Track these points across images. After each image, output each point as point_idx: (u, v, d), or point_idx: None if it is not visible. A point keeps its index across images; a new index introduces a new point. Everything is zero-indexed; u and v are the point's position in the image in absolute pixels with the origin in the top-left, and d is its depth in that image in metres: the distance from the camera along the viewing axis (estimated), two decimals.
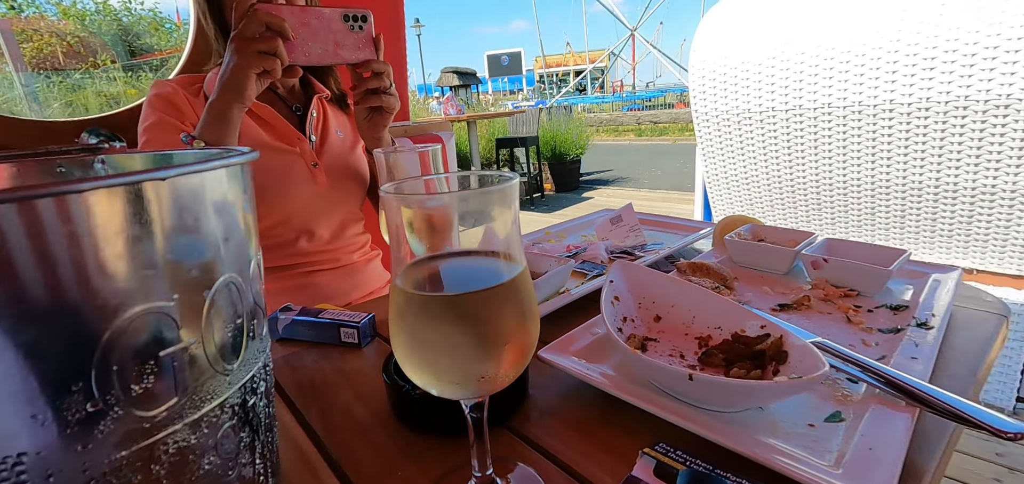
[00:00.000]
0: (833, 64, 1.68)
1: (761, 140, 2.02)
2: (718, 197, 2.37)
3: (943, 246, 1.80)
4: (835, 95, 1.72)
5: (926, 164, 1.63)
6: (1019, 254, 1.62)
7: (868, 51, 1.60)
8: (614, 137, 14.69)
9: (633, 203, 0.86)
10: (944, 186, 1.64)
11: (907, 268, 0.54)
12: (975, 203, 1.62)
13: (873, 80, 1.61)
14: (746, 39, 1.92)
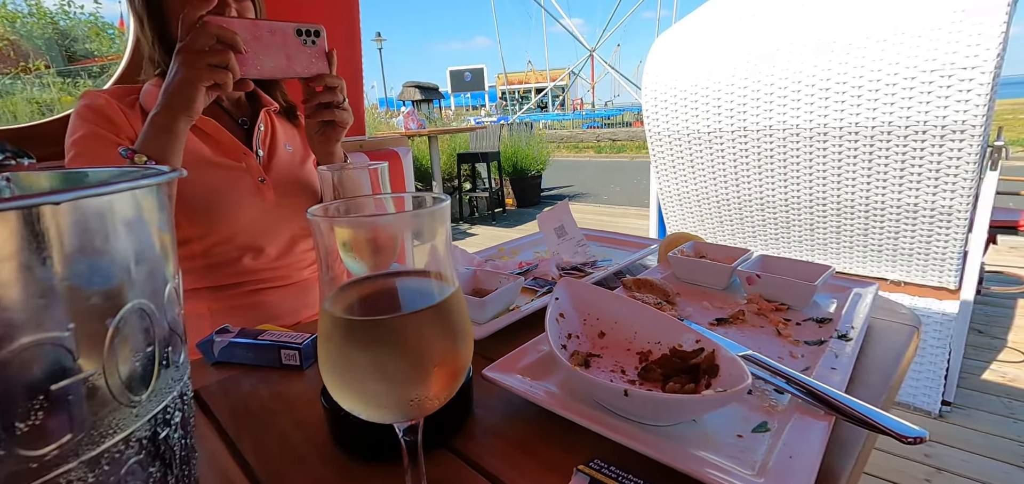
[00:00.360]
0: (773, 90, 1.79)
1: (710, 159, 2.11)
2: (671, 213, 2.46)
3: (873, 260, 1.93)
4: (776, 119, 1.83)
5: (857, 184, 1.75)
6: (938, 267, 1.75)
7: (804, 79, 1.71)
8: (574, 153, 14.98)
9: (592, 217, 0.88)
10: (873, 204, 1.76)
11: (832, 283, 0.57)
12: (900, 220, 1.74)
13: (809, 106, 1.72)
14: (694, 65, 2.02)
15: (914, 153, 1.58)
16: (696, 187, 2.24)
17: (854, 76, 1.61)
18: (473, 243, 4.49)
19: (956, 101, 1.44)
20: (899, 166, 1.63)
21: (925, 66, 1.46)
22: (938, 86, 1.46)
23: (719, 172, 2.11)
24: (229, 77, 0.62)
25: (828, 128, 1.72)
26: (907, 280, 1.90)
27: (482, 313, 0.55)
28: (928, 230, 1.70)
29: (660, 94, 2.11)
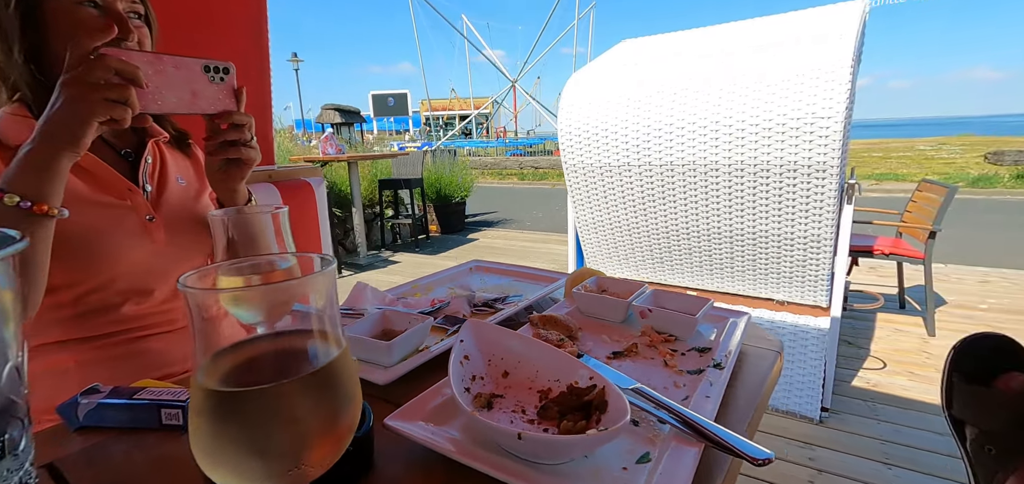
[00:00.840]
0: (672, 130, 1.95)
1: (620, 191, 2.25)
2: (588, 240, 2.58)
3: (762, 283, 2.15)
4: (675, 155, 1.99)
5: (744, 215, 1.95)
6: (812, 288, 1.99)
7: (698, 121, 1.89)
8: (498, 180, 15.23)
9: (516, 243, 0.90)
10: (758, 234, 1.97)
11: (712, 313, 0.64)
12: (780, 248, 1.96)
13: (702, 145, 1.90)
14: (603, 105, 2.16)
15: (788, 189, 1.80)
16: (609, 217, 2.37)
17: (738, 120, 1.81)
18: (396, 270, 4.38)
19: (818, 145, 1.67)
20: (777, 200, 1.85)
21: (793, 114, 1.68)
22: (804, 132, 1.68)
23: (629, 203, 2.25)
24: (128, 113, 0.57)
25: (719, 165, 1.91)
26: (789, 300, 2.14)
27: (388, 357, 0.54)
28: (802, 256, 1.93)
29: (573, 130, 2.22)
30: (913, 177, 10.41)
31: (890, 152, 15.33)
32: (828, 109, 1.61)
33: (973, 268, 3.74)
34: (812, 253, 1.90)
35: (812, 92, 1.65)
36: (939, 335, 2.60)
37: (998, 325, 2.70)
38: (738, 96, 1.80)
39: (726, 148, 1.86)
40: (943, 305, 3.01)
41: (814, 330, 1.99)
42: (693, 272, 2.32)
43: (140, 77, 0.57)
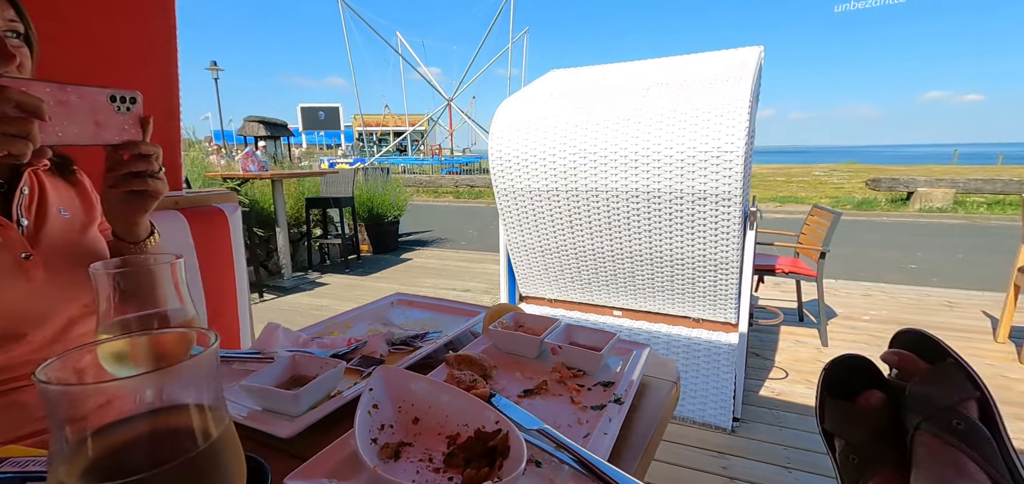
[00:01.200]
0: (597, 158, 2.05)
1: (549, 215, 2.32)
2: (519, 262, 2.62)
3: (680, 302, 2.30)
4: (599, 182, 2.09)
5: (663, 239, 2.08)
6: (723, 306, 2.15)
7: (619, 151, 2.00)
8: (434, 198, 15.10)
9: (451, 263, 0.90)
10: (676, 256, 2.11)
11: (618, 346, 0.68)
12: (695, 269, 2.11)
13: (624, 173, 2.01)
14: (532, 132, 2.23)
15: (699, 215, 1.95)
16: (539, 240, 2.44)
17: (654, 151, 1.94)
18: (323, 293, 4.19)
19: (723, 176, 1.82)
20: (690, 225, 1.99)
21: (701, 148, 1.83)
22: (710, 164, 1.83)
23: (557, 227, 2.33)
24: (28, 147, 0.53)
25: (638, 192, 2.03)
26: (704, 317, 2.30)
27: (295, 406, 0.53)
28: (713, 277, 2.09)
29: (504, 156, 2.27)
30: (810, 200, 11.60)
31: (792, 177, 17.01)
32: (730, 144, 1.77)
33: (858, 283, 4.21)
34: (721, 274, 2.06)
35: (717, 128, 1.80)
36: (831, 345, 2.90)
37: (878, 334, 3.06)
38: (654, 129, 1.93)
39: (644, 176, 1.99)
40: (834, 317, 3.36)
41: (725, 345, 2.15)
42: (619, 292, 2.43)
43: (43, 110, 0.53)
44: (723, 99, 1.83)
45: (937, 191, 10.08)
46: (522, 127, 2.24)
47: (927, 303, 3.59)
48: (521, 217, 2.41)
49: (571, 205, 2.23)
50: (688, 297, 2.23)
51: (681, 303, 2.28)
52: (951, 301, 3.63)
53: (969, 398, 0.62)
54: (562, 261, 2.45)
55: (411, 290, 4.27)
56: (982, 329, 3.04)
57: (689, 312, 2.31)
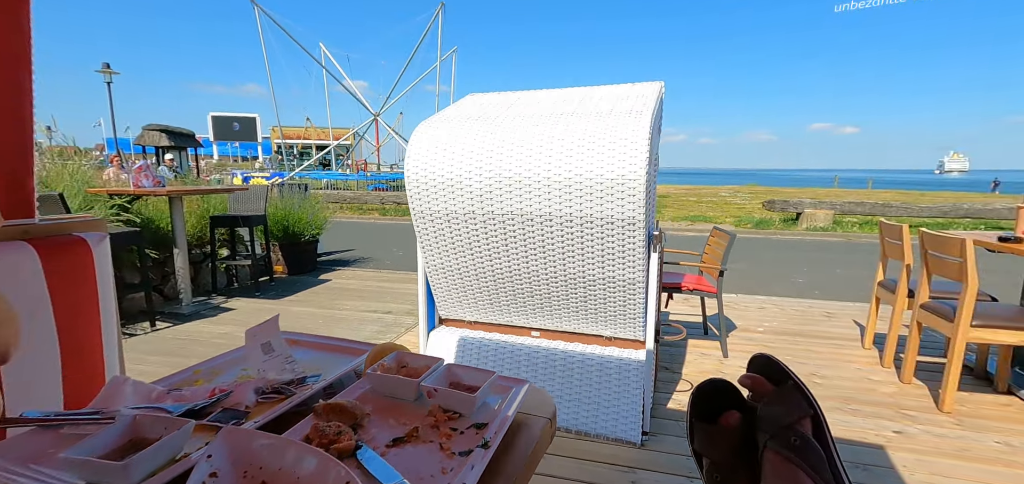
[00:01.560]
0: (512, 183, 2.08)
1: (466, 238, 2.32)
2: (437, 284, 2.59)
3: (593, 321, 2.37)
4: (515, 206, 2.12)
5: (576, 261, 2.15)
6: (632, 324, 2.25)
7: (532, 176, 2.05)
8: (359, 215, 14.60)
9: (373, 283, 0.85)
10: (588, 278, 2.18)
11: (498, 384, 0.68)
12: (606, 289, 2.19)
13: (538, 197, 2.05)
14: (449, 155, 2.22)
15: (607, 239, 2.04)
16: (456, 262, 2.42)
17: (565, 177, 2.00)
18: (228, 319, 3.87)
19: (628, 202, 1.92)
20: (600, 248, 2.08)
21: (608, 175, 1.92)
22: (616, 190, 1.93)
23: (474, 249, 2.33)
24: None
25: (552, 216, 2.08)
26: (615, 335, 2.40)
27: (124, 479, 0.47)
28: (623, 297, 2.19)
29: (420, 179, 2.25)
30: (718, 219, 12.61)
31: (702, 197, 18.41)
32: (632, 172, 1.88)
33: (754, 297, 4.61)
34: (629, 294, 2.16)
35: (621, 157, 1.90)
36: (731, 357, 3.13)
37: (771, 344, 3.35)
38: (565, 155, 2.00)
39: (557, 201, 2.05)
40: (734, 330, 3.64)
41: (634, 362, 2.25)
42: (536, 313, 2.47)
43: None
44: (626, 130, 1.93)
45: (820, 212, 11.36)
46: (439, 150, 2.23)
47: (810, 314, 4.01)
48: (438, 240, 2.39)
49: (488, 228, 2.24)
50: (600, 317, 2.31)
51: (594, 322, 2.36)
52: (829, 312, 4.07)
53: (805, 416, 0.69)
54: (480, 283, 2.45)
55: (328, 313, 4.06)
56: (853, 336, 3.44)
57: (602, 331, 2.40)
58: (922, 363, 2.81)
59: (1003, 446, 2.07)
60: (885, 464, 1.96)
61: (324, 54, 23.54)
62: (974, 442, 2.10)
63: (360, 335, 3.56)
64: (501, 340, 2.50)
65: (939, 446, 2.07)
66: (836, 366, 2.93)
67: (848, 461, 1.99)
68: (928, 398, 2.50)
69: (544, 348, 2.42)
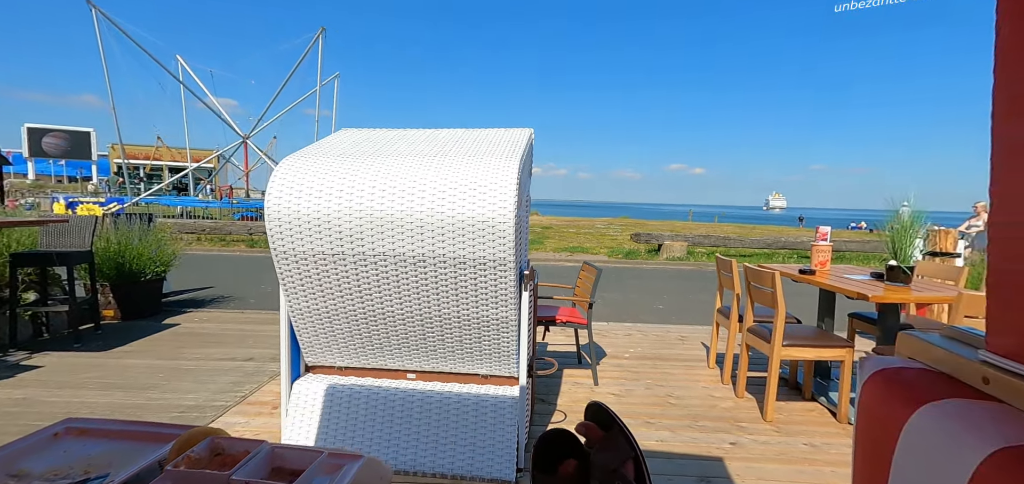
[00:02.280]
0: (384, 223, 2.03)
1: (336, 279, 2.19)
2: (303, 329, 2.39)
3: (470, 361, 2.37)
4: (387, 246, 2.06)
5: (450, 301, 2.14)
6: (507, 362, 2.29)
7: (406, 217, 2.01)
8: (221, 247, 13.07)
9: (231, 325, 0.73)
10: (462, 317, 2.18)
11: (329, 462, 0.64)
12: (481, 329, 2.21)
13: (411, 238, 2.02)
14: (318, 193, 2.10)
15: (481, 278, 2.07)
16: (325, 305, 2.27)
17: (439, 218, 2.01)
18: (31, 379, 3.15)
19: (499, 243, 1.98)
20: (474, 288, 2.10)
21: (479, 217, 1.97)
22: (487, 232, 1.98)
23: (345, 291, 2.21)
24: None
25: (425, 257, 2.06)
26: (491, 373, 2.42)
27: None
28: (497, 335, 2.23)
29: (285, 217, 2.09)
30: (593, 250, 13.60)
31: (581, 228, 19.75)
32: (502, 214, 1.94)
33: (622, 324, 5.02)
34: (503, 333, 2.21)
35: (491, 199, 1.96)
36: (601, 384, 3.34)
37: (638, 369, 3.65)
38: (438, 196, 2.01)
39: (430, 242, 2.03)
40: (604, 357, 3.90)
41: (509, 398, 2.29)
42: (411, 355, 2.40)
43: None
44: (497, 173, 2.01)
45: (677, 243, 12.86)
46: (307, 187, 2.10)
47: (668, 338, 4.46)
48: (304, 282, 2.23)
49: (359, 270, 2.14)
50: (475, 356, 2.32)
51: (470, 362, 2.36)
52: (683, 335, 4.57)
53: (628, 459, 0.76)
54: (352, 327, 2.32)
55: (170, 365, 3.51)
56: (701, 357, 3.89)
57: (478, 369, 2.41)
58: (752, 378, 3.28)
59: (808, 447, 2.48)
60: (723, 475, 2.22)
61: (182, 68, 21.04)
62: (789, 446, 2.48)
63: (210, 389, 3.14)
64: (374, 386, 2.38)
65: (764, 453, 2.41)
66: (688, 386, 3.28)
67: (694, 475, 2.23)
68: (756, 410, 2.91)
69: (420, 391, 2.36)
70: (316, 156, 2.26)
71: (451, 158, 2.16)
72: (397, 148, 2.35)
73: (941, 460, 0.33)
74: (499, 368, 2.37)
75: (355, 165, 2.18)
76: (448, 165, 2.09)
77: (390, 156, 2.24)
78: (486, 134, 2.50)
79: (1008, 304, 0.35)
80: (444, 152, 2.25)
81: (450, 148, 2.30)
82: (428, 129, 2.63)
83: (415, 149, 2.32)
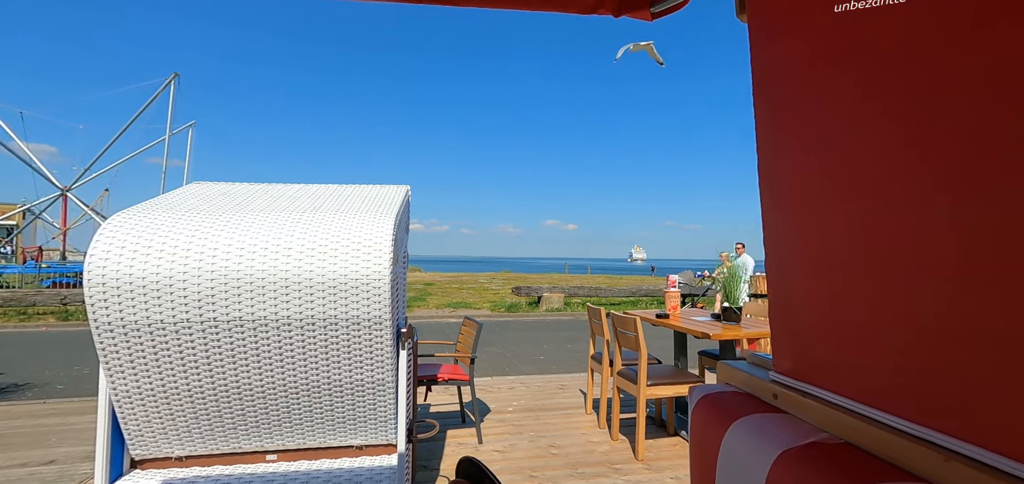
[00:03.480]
0: (241, 283, 1.83)
1: (178, 352, 1.90)
2: (132, 416, 2.01)
3: (341, 431, 2.18)
4: (245, 310, 1.86)
5: (319, 367, 1.97)
6: (383, 428, 2.15)
7: (268, 276, 1.84)
8: (19, 322, 10.55)
9: (26, 423, 0.51)
10: (334, 383, 2.02)
11: None
12: (355, 394, 2.06)
13: (273, 299, 1.85)
14: (157, 253, 1.83)
15: (354, 340, 1.95)
16: (162, 382, 1.94)
17: (307, 277, 1.87)
18: None
19: (374, 301, 1.90)
20: (346, 350, 1.97)
21: (352, 275, 1.88)
22: (361, 290, 1.89)
23: (190, 364, 1.92)
24: None
25: (291, 319, 1.89)
26: (367, 443, 2.25)
27: None
28: (372, 399, 2.10)
29: (111, 283, 1.77)
30: (477, 305, 13.70)
31: (464, 284, 19.83)
32: (378, 271, 1.88)
33: (505, 377, 5.06)
34: (379, 396, 2.09)
35: (366, 256, 1.89)
36: (486, 441, 3.29)
37: (521, 422, 3.67)
38: (306, 254, 1.88)
39: (297, 303, 1.88)
40: (488, 413, 3.87)
41: (386, 469, 2.14)
42: (273, 433, 2.14)
43: None
44: (372, 229, 1.95)
45: (554, 295, 13.54)
46: (144, 246, 1.82)
47: (548, 388, 4.60)
48: (135, 357, 1.89)
49: (209, 339, 1.89)
50: (349, 424, 2.15)
51: (342, 432, 2.18)
52: (563, 384, 4.75)
53: None
54: (197, 407, 2.01)
55: None
56: (579, 404, 4.07)
57: (351, 440, 2.22)
58: (625, 420, 3.50)
59: (675, 480, 2.69)
60: None
61: None
62: (658, 483, 2.67)
63: None
64: (225, 475, 2.06)
65: None
66: (568, 434, 3.38)
67: None
68: (630, 450, 3.09)
69: (283, 474, 2.10)
70: (159, 211, 1.99)
71: (322, 214, 2.05)
72: (260, 204, 2.18)
73: (747, 464, 0.38)
74: (375, 436, 2.21)
75: (209, 221, 1.96)
76: (319, 221, 1.99)
77: (252, 212, 2.06)
78: (361, 190, 2.44)
79: (784, 334, 0.44)
80: (315, 208, 2.14)
81: (322, 204, 2.20)
82: (297, 184, 2.49)
83: (281, 205, 2.17)
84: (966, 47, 0.36)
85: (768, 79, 0.47)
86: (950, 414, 0.36)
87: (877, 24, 0.40)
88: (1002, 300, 0.33)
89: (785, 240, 0.43)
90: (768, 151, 0.46)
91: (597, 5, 0.74)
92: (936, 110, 0.37)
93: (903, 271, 0.37)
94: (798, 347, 0.41)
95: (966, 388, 0.35)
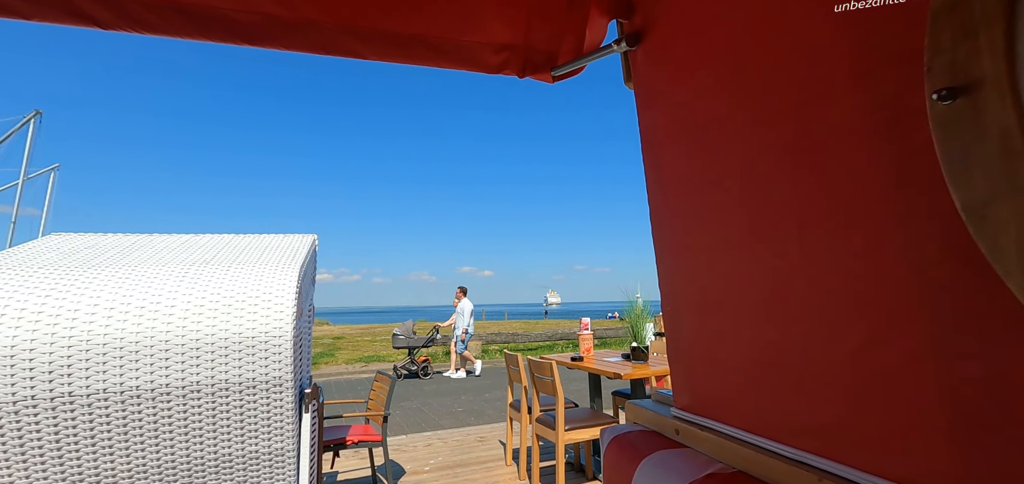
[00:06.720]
0: (108, 350, 1.59)
1: (18, 437, 1.58)
2: None
3: None
4: (111, 381, 1.61)
5: (206, 441, 1.74)
6: None
7: (143, 339, 1.62)
8: None
9: None
10: (222, 457, 1.79)
11: None
12: (246, 469, 1.83)
13: (149, 366, 1.62)
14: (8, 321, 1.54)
15: (249, 406, 1.76)
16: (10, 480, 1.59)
17: (193, 338, 1.67)
18: None
19: (273, 361, 1.74)
20: (239, 419, 1.76)
21: (248, 333, 1.71)
22: (260, 349, 1.72)
23: (32, 453, 1.60)
24: None
25: (171, 388, 1.67)
26: None
27: None
28: (269, 474, 1.88)
29: None
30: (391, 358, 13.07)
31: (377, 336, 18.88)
32: (278, 329, 1.73)
33: (422, 434, 4.83)
34: (277, 469, 1.88)
35: (265, 312, 1.74)
36: None
37: (438, 481, 3.49)
38: (193, 313, 1.69)
39: (179, 369, 1.66)
40: (403, 475, 3.64)
41: None
42: None
43: None
44: (272, 282, 1.81)
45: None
46: None
47: (467, 442, 4.45)
48: None
49: (62, 418, 1.60)
50: None
51: None
52: (482, 436, 4.63)
53: None
54: None
55: None
56: (499, 456, 3.98)
57: None
58: (545, 468, 3.47)
59: None
60: None
61: None
62: None
63: None
64: None
65: None
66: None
67: None
68: None
69: None
70: (1, 269, 1.69)
71: (214, 267, 1.87)
72: (136, 257, 1.93)
73: None
74: None
75: (68, 278, 1.70)
76: (209, 275, 1.80)
77: (125, 267, 1.82)
78: (261, 240, 2.27)
79: (680, 371, 0.46)
80: (206, 260, 1.94)
81: (215, 256, 2.00)
82: (185, 234, 2.25)
83: (164, 258, 1.94)
84: (792, 123, 0.42)
85: (651, 140, 0.51)
86: (814, 436, 0.40)
87: (726, 99, 0.46)
88: (843, 334, 0.38)
89: (674, 283, 0.47)
90: (656, 203, 0.50)
91: (502, 65, 0.78)
92: (776, 179, 0.43)
93: (766, 310, 0.42)
94: (692, 383, 0.44)
95: (825, 413, 0.40)
